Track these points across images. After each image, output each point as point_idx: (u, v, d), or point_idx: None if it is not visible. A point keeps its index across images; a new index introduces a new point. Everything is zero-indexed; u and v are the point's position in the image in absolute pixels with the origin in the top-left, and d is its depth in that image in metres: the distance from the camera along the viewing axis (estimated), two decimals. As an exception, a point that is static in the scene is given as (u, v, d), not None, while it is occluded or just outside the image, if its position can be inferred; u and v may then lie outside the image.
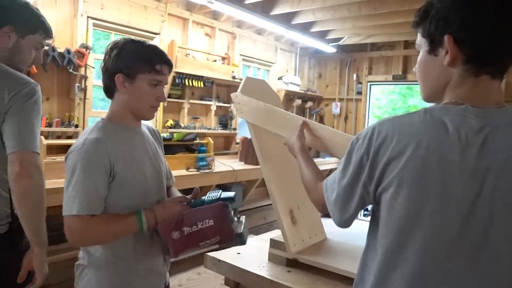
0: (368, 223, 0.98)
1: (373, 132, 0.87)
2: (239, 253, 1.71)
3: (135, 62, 1.28)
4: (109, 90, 1.34)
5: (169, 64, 1.34)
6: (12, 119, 1.37)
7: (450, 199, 0.79)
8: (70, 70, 3.45)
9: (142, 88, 1.30)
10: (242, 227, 1.37)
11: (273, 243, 1.64)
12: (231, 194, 1.38)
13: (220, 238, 1.32)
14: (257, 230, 4.80)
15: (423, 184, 0.80)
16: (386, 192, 0.85)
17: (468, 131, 0.80)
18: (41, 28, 1.56)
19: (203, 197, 1.38)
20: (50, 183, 2.93)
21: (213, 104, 5.00)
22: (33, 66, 3.12)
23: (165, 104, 4.34)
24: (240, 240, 1.36)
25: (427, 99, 0.94)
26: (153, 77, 1.30)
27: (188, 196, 1.41)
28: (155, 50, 1.32)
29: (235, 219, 1.37)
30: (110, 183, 1.25)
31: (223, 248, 1.36)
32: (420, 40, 0.91)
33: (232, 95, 1.67)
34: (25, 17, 1.50)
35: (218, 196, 1.37)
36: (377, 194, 0.88)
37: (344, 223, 0.97)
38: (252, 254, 1.71)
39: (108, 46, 1.33)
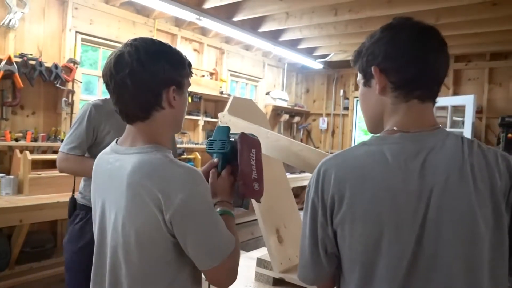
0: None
1: (318, 173, 0.91)
2: (225, 272, 1.71)
3: (184, 68, 1.07)
4: (148, 109, 1.04)
5: None
6: None
7: (403, 227, 0.82)
8: (57, 85, 3.43)
9: (186, 97, 1.11)
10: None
11: (260, 262, 1.65)
12: (220, 129, 1.27)
13: (260, 148, 1.27)
14: (244, 246, 4.76)
15: (375, 217, 0.83)
16: (342, 229, 0.87)
17: (406, 157, 0.85)
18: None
19: (214, 148, 1.25)
20: (35, 199, 2.90)
21: (201, 119, 5.02)
22: (19, 80, 3.12)
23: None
24: (254, 135, 1.30)
25: (371, 130, 1.00)
26: (189, 82, 1.12)
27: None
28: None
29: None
30: None
31: None
32: (359, 75, 0.99)
33: (219, 114, 1.69)
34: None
35: (223, 132, 1.25)
36: (334, 232, 0.89)
37: (317, 279, 0.96)
38: (238, 273, 1.70)
39: (134, 54, 1.00)
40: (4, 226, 2.88)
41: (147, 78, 1.00)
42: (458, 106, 5.26)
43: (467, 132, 5.06)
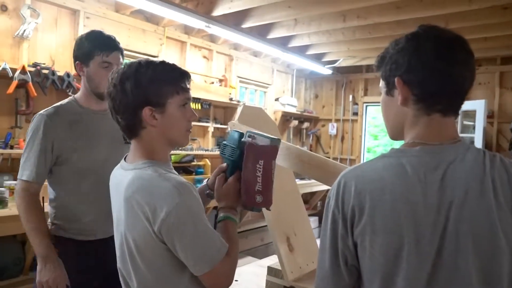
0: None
1: (338, 185, 0.92)
2: (236, 281, 1.72)
3: (162, 87, 1.09)
4: (133, 129, 1.12)
5: (189, 76, 1.17)
6: None
7: (423, 239, 0.82)
8: (70, 93, 3.48)
9: (175, 114, 1.12)
10: (258, 136, 1.24)
11: (270, 270, 1.66)
12: (234, 134, 1.26)
13: (273, 157, 1.22)
14: (254, 252, 4.78)
15: (395, 229, 0.83)
16: (362, 240, 0.87)
17: (426, 170, 0.85)
18: (96, 48, 1.63)
19: (225, 153, 1.26)
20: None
21: (211, 126, 5.04)
22: (33, 89, 3.17)
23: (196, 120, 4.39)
24: (275, 139, 1.23)
25: (392, 137, 1.00)
26: (183, 97, 1.13)
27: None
28: (171, 66, 1.14)
29: (249, 139, 1.25)
30: None
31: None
32: (381, 82, 0.98)
33: (230, 123, 1.70)
34: (81, 48, 1.66)
35: (234, 139, 1.24)
36: (354, 244, 0.89)
37: None
38: (249, 281, 1.71)
39: (112, 79, 1.11)
40: (18, 233, 2.92)
41: (121, 102, 1.09)
42: (469, 111, 5.23)
43: (478, 137, 5.02)
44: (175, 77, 1.12)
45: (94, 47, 1.63)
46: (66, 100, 1.72)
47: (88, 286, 1.62)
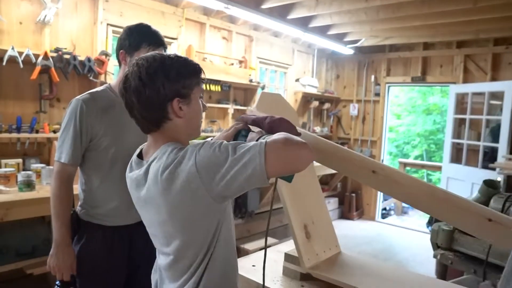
0: (385, 225, 0.92)
1: None
2: (254, 266, 1.74)
3: (187, 79, 1.12)
4: (157, 121, 1.12)
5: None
6: None
7: None
8: (91, 78, 3.53)
9: (197, 105, 1.17)
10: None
11: (288, 257, 1.67)
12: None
13: None
14: (273, 233, 4.82)
15: None
16: None
17: None
18: (144, 41, 1.66)
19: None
20: (74, 188, 3.01)
21: (230, 108, 5.04)
22: (55, 74, 3.22)
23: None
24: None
25: None
26: (200, 89, 1.17)
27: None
28: (190, 60, 1.17)
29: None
30: None
31: None
32: None
33: (248, 110, 1.70)
34: (128, 38, 1.69)
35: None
36: None
37: None
38: (266, 268, 1.73)
39: (133, 73, 1.10)
40: (46, 215, 3.02)
41: (150, 95, 1.08)
42: (497, 92, 5.05)
43: (505, 119, 4.86)
44: (197, 70, 1.16)
45: (143, 39, 1.66)
46: (101, 87, 1.76)
47: (116, 271, 1.69)
